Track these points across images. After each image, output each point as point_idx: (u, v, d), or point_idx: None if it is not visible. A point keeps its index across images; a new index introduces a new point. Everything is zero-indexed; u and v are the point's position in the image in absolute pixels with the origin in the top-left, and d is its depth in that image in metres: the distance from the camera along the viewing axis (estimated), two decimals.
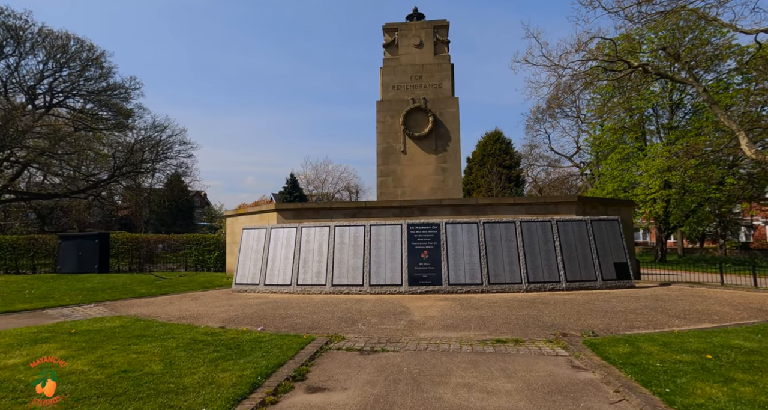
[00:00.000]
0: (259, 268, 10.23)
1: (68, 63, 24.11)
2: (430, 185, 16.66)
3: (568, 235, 9.81)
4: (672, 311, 7.23)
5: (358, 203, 12.62)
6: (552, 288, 9.37)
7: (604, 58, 21.06)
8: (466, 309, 7.74)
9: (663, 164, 25.88)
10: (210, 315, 7.50)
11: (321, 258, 10.02)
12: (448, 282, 9.51)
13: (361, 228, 10.14)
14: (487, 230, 9.89)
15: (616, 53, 20.79)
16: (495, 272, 9.55)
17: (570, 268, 9.52)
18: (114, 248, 15.20)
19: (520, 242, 9.77)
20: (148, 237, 15.74)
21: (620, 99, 24.55)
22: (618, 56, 20.77)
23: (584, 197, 12.38)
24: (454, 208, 12.09)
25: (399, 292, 9.51)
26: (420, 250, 9.85)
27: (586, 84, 23.86)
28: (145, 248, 15.39)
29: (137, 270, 15.07)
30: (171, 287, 10.96)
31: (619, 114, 31.32)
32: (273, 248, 10.34)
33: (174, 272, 14.52)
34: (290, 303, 8.58)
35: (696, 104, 28.59)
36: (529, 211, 11.77)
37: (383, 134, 17.43)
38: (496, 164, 42.61)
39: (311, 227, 10.41)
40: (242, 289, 10.16)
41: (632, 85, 24.01)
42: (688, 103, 29.66)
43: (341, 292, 9.65)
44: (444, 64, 18.16)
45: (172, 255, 15.67)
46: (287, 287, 9.88)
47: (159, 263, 15.83)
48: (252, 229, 10.74)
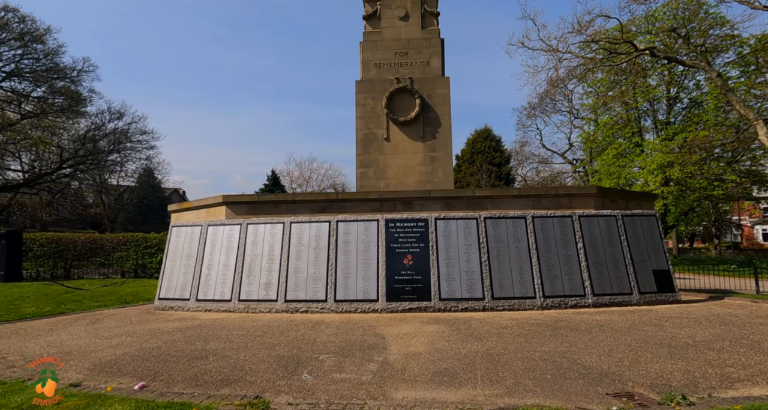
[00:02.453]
0: (191, 278, 7.75)
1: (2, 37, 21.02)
2: (416, 176, 14.34)
3: (594, 235, 7.59)
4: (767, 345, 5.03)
5: (328, 195, 10.21)
6: (575, 304, 7.14)
7: (610, 39, 19.10)
8: (466, 338, 5.43)
9: (663, 160, 24.33)
10: (86, 352, 5.02)
11: (272, 265, 7.60)
12: (439, 297, 7.20)
13: (324, 226, 7.77)
14: (489, 228, 7.62)
15: (622, 34, 18.86)
16: (500, 283, 7.27)
17: (598, 277, 7.30)
18: (32, 251, 12.48)
19: (533, 244, 7.52)
20: (75, 237, 13.01)
21: (623, 87, 22.63)
22: (624, 38, 18.85)
23: (604, 187, 10.22)
24: (445, 201, 9.77)
25: (373, 310, 7.17)
26: (402, 254, 7.53)
27: (587, 70, 21.94)
28: (72, 251, 12.70)
29: (62, 277, 12.41)
30: (78, 302, 8.40)
31: (615, 109, 29.95)
32: (210, 252, 7.87)
33: (106, 280, 11.89)
34: (221, 329, 6.15)
35: (695, 97, 27.23)
36: (537, 205, 9.52)
37: (363, 118, 15.00)
38: (485, 162, 40.90)
39: (259, 223, 7.98)
40: (167, 306, 7.67)
41: (636, 71, 22.16)
42: (686, 97, 28.40)
43: (297, 310, 7.25)
44: (433, 40, 15.82)
45: (105, 259, 13.03)
46: (226, 304, 7.44)
47: (91, 268, 13.14)
48: (183, 226, 8.24)
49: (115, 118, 24.92)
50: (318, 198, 10.33)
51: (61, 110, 23.24)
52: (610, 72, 25.53)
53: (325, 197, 10.29)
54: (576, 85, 28.17)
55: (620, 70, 23.88)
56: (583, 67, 21.51)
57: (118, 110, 25.23)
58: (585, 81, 27.25)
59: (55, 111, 23.41)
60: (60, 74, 23.23)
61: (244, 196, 10.01)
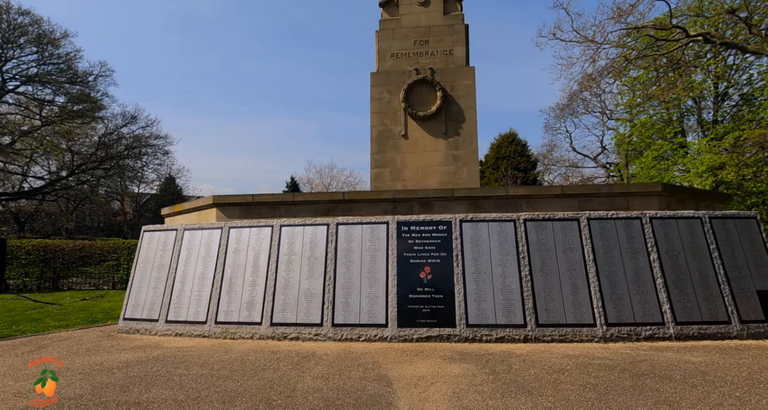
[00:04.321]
0: (161, 294, 6.37)
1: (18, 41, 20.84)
2: (438, 177, 12.75)
3: (673, 242, 5.77)
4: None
5: (334, 195, 8.74)
6: (651, 336, 5.32)
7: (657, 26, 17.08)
8: (507, 390, 3.76)
9: (714, 161, 21.90)
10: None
11: (256, 279, 6.14)
12: (466, 322, 5.54)
13: (321, 230, 6.26)
14: (531, 233, 5.92)
15: (671, 18, 16.83)
16: (547, 304, 5.55)
17: (680, 300, 5.47)
18: (18, 259, 11.53)
19: (589, 253, 5.77)
20: (62, 244, 12.02)
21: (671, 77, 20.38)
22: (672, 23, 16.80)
23: (670, 185, 8.35)
24: (471, 201, 8.14)
25: (381, 338, 5.57)
26: (418, 265, 5.92)
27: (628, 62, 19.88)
28: (60, 259, 11.69)
29: (50, 288, 11.39)
30: (36, 322, 7.17)
31: (654, 107, 27.69)
32: (184, 262, 6.48)
33: (89, 292, 10.73)
34: (180, 364, 4.69)
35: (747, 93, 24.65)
36: (585, 206, 7.75)
37: (379, 113, 13.55)
38: (510, 167, 38.93)
39: (243, 227, 6.54)
40: (132, 328, 6.29)
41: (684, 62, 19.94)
42: (735, 94, 25.84)
43: (285, 336, 5.73)
44: (456, 26, 14.24)
45: (94, 268, 11.96)
46: (200, 328, 6.00)
47: (81, 278, 12.07)
48: (156, 231, 6.90)
49: (129, 122, 24.40)
50: (322, 198, 8.86)
51: (78, 116, 22.90)
52: (649, 68, 23.41)
53: (329, 198, 8.82)
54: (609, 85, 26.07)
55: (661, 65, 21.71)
56: (623, 58, 19.52)
57: (132, 114, 24.74)
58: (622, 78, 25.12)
59: (72, 117, 23.11)
60: (76, 79, 22.97)
61: (235, 196, 8.65)
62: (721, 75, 24.67)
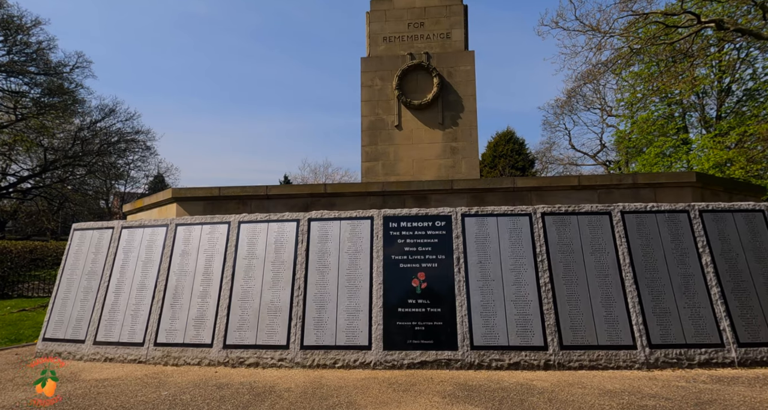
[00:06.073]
0: (90, 308, 5.11)
1: None
2: (435, 171, 11.59)
3: (729, 242, 4.60)
4: None
5: (314, 187, 7.53)
6: (707, 361, 4.15)
7: (666, 12, 16.05)
8: None
9: (720, 158, 21.06)
10: None
11: (208, 288, 4.90)
12: (470, 343, 4.34)
13: (290, 227, 5.03)
14: (551, 231, 4.74)
15: (682, 4, 15.81)
16: (573, 320, 4.37)
17: (742, 315, 4.30)
18: None
19: (624, 255, 4.59)
20: (10, 246, 10.63)
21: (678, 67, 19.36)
22: (684, 8, 15.78)
23: (705, 175, 7.21)
24: (473, 195, 6.98)
25: (362, 363, 4.35)
26: (410, 271, 4.72)
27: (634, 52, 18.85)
28: (8, 263, 10.33)
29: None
30: None
31: (655, 104, 26.93)
32: (121, 268, 5.23)
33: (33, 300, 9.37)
34: (92, 407, 3.46)
35: (752, 88, 23.83)
36: (605, 199, 6.62)
37: (370, 102, 12.34)
38: (508, 166, 38.09)
39: (194, 224, 5.28)
40: (53, 351, 5.02)
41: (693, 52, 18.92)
42: (738, 90, 25.11)
43: (241, 362, 4.50)
44: (454, 7, 13.03)
45: (45, 272, 10.61)
46: (135, 351, 4.75)
47: (33, 283, 10.70)
48: (88, 230, 5.63)
49: (107, 115, 23.00)
50: (301, 192, 7.65)
51: (52, 108, 21.50)
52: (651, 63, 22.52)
53: (309, 191, 7.61)
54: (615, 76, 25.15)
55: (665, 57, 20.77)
56: (629, 48, 18.49)
57: (110, 107, 23.34)
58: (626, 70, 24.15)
59: (46, 109, 21.70)
60: (49, 69, 21.56)
61: (199, 189, 7.41)
62: (728, 67, 23.77)
